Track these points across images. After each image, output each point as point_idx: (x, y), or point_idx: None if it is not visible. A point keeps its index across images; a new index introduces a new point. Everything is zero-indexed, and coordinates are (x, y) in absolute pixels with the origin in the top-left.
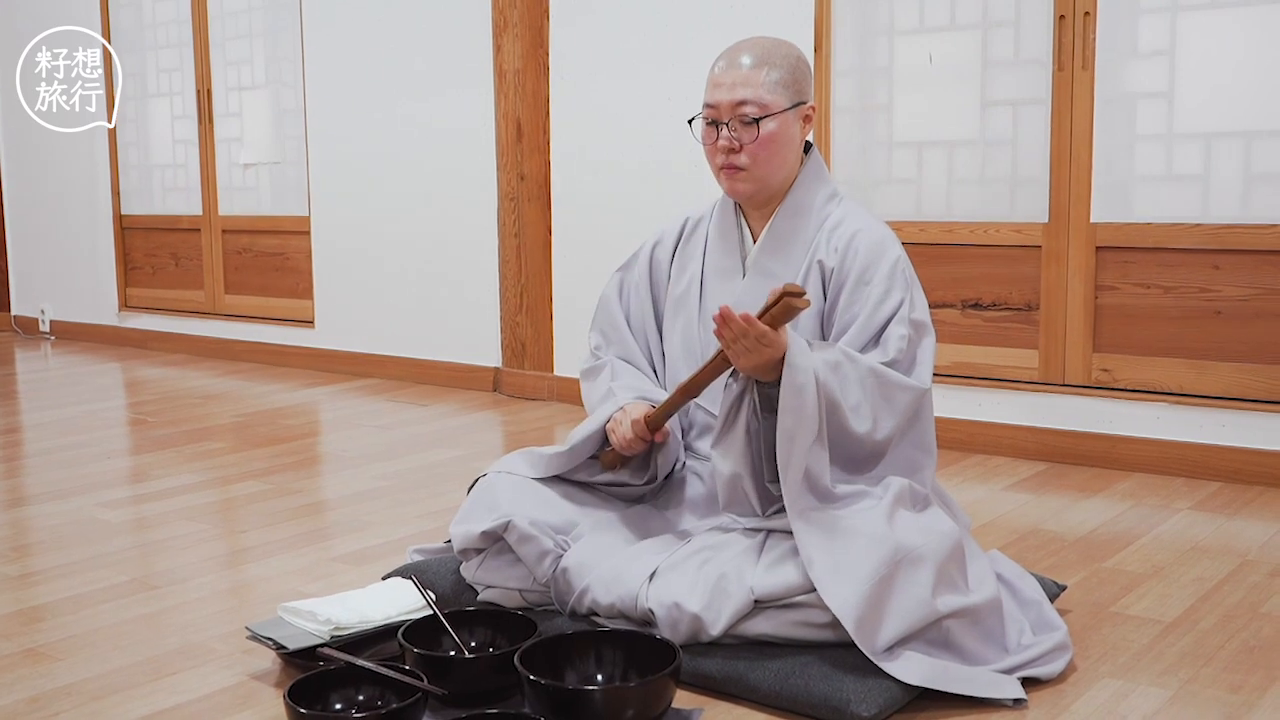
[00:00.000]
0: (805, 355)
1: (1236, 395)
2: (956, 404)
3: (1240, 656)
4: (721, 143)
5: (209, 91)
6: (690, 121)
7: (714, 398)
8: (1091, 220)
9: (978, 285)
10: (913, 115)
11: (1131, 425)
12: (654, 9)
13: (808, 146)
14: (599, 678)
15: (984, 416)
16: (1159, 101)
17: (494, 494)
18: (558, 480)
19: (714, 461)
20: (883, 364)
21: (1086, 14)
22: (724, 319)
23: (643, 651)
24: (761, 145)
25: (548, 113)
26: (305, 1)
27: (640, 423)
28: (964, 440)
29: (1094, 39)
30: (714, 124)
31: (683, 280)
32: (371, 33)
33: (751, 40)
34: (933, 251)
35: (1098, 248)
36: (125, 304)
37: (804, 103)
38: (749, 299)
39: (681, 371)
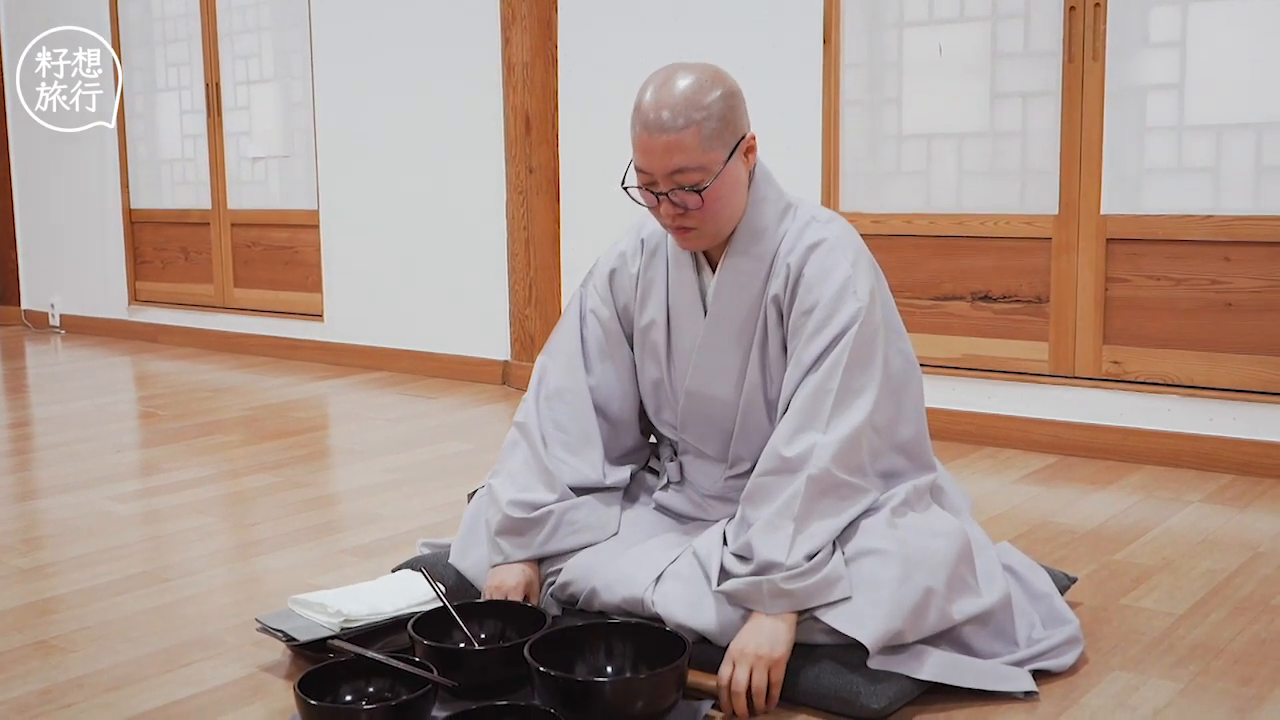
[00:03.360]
0: (774, 601)
1: (1248, 388)
2: (966, 396)
3: (1251, 649)
4: (665, 209)
5: (217, 85)
6: (625, 187)
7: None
8: (1102, 212)
9: (988, 277)
10: (922, 107)
11: (1142, 418)
12: (663, 1)
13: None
14: (608, 670)
15: (994, 409)
16: (1170, 93)
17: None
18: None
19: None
20: (814, 400)
21: (1097, 5)
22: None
23: (652, 644)
24: (709, 207)
25: (556, 105)
26: None
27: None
28: (974, 432)
29: (1104, 30)
30: (651, 190)
31: (647, 312)
32: (380, 26)
33: (670, 82)
34: (942, 244)
35: (1108, 240)
36: (135, 298)
37: (741, 139)
38: (713, 340)
39: (658, 410)
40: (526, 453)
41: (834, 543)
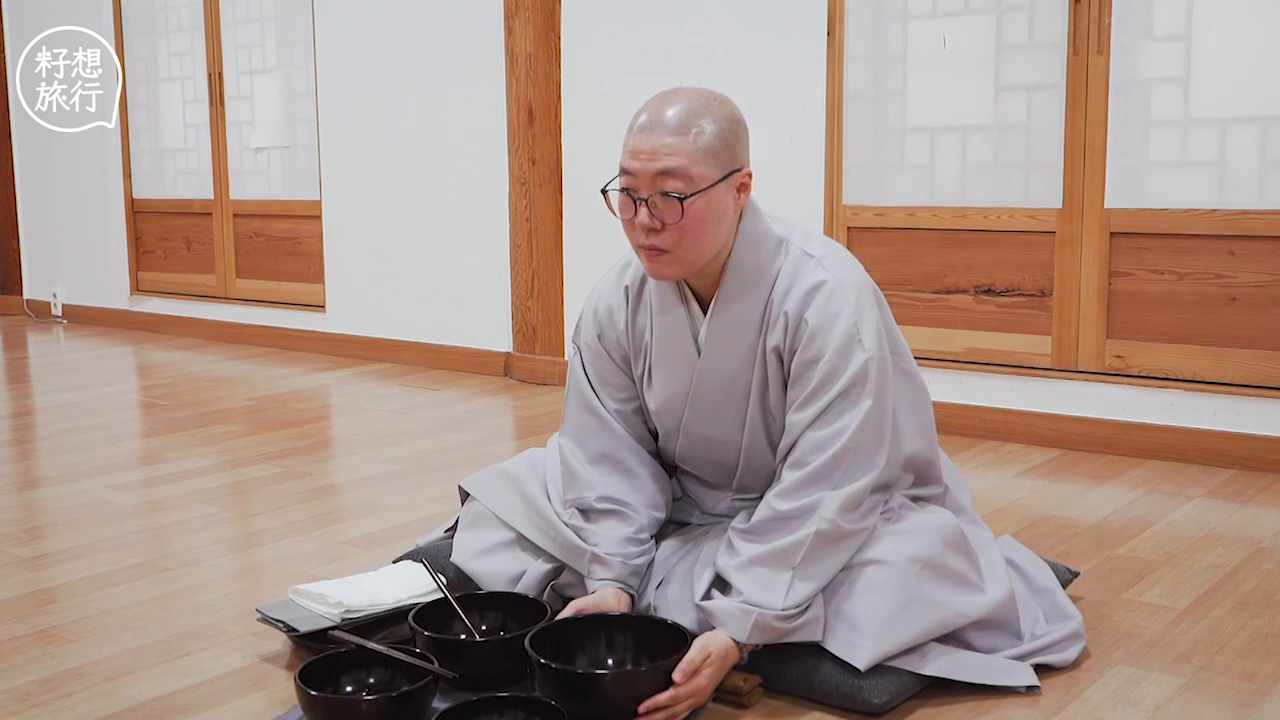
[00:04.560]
0: (766, 631)
1: (1251, 382)
2: (969, 390)
3: (1254, 644)
4: (640, 220)
5: (220, 75)
6: (604, 192)
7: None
8: (1106, 206)
9: (991, 271)
10: (926, 100)
11: (1145, 412)
12: None
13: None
14: (609, 662)
15: (997, 403)
16: (1175, 86)
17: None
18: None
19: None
20: (835, 453)
21: None
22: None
23: (653, 636)
24: (688, 226)
25: (559, 97)
26: None
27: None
28: (976, 426)
29: (1109, 23)
30: (632, 195)
31: (641, 358)
32: (382, 16)
33: (676, 95)
34: (946, 237)
35: (1112, 233)
36: (137, 288)
37: (738, 170)
38: (709, 385)
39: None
40: (607, 522)
41: None
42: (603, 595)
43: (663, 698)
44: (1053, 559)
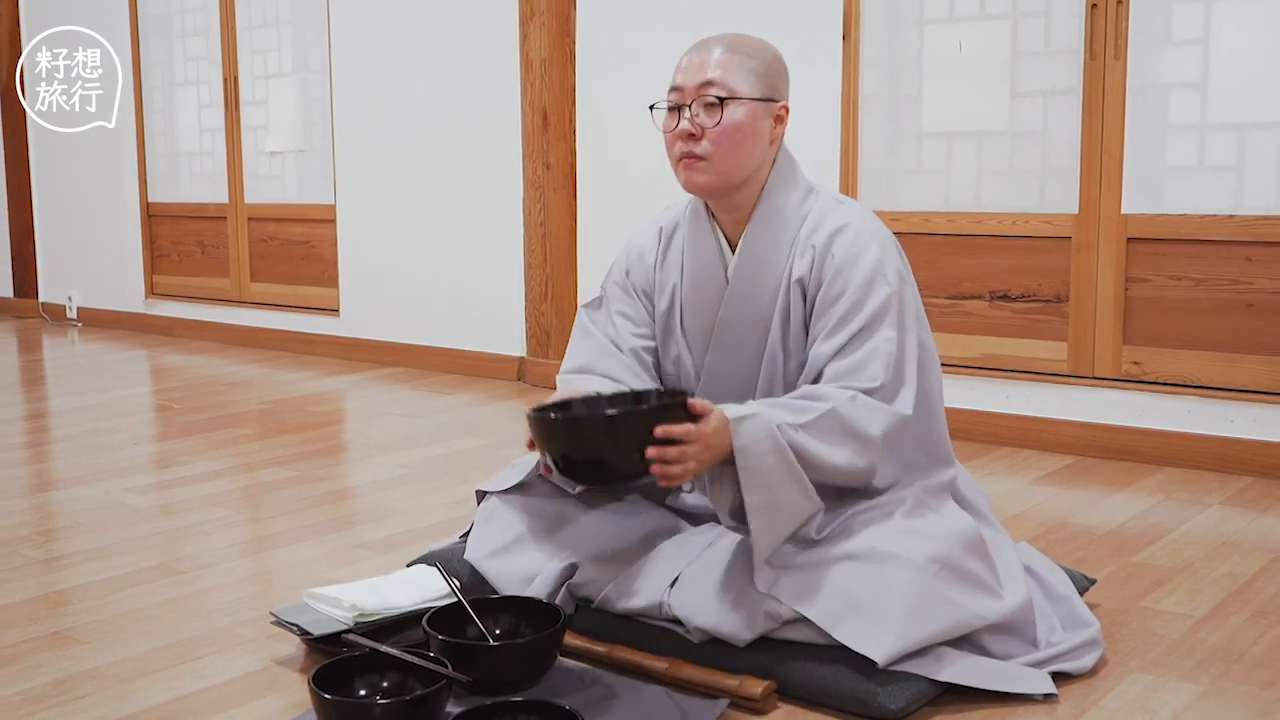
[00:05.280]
0: (752, 431)
1: (1268, 389)
2: (985, 396)
3: (1272, 653)
4: (682, 126)
5: (235, 79)
6: (652, 108)
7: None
8: (1122, 211)
9: (1006, 277)
10: (942, 105)
11: (1162, 419)
12: None
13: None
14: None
15: (1012, 409)
16: (1192, 91)
17: (504, 518)
18: (558, 497)
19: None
20: (864, 390)
21: (1119, 2)
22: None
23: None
24: (724, 132)
25: (574, 101)
26: None
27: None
28: (992, 433)
29: (1126, 28)
30: (676, 111)
31: (666, 294)
32: (398, 20)
33: (728, 33)
34: (961, 243)
35: (1129, 239)
36: (152, 291)
37: (776, 100)
38: (733, 316)
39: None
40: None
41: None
42: (573, 386)
43: (678, 429)
44: (1069, 566)
